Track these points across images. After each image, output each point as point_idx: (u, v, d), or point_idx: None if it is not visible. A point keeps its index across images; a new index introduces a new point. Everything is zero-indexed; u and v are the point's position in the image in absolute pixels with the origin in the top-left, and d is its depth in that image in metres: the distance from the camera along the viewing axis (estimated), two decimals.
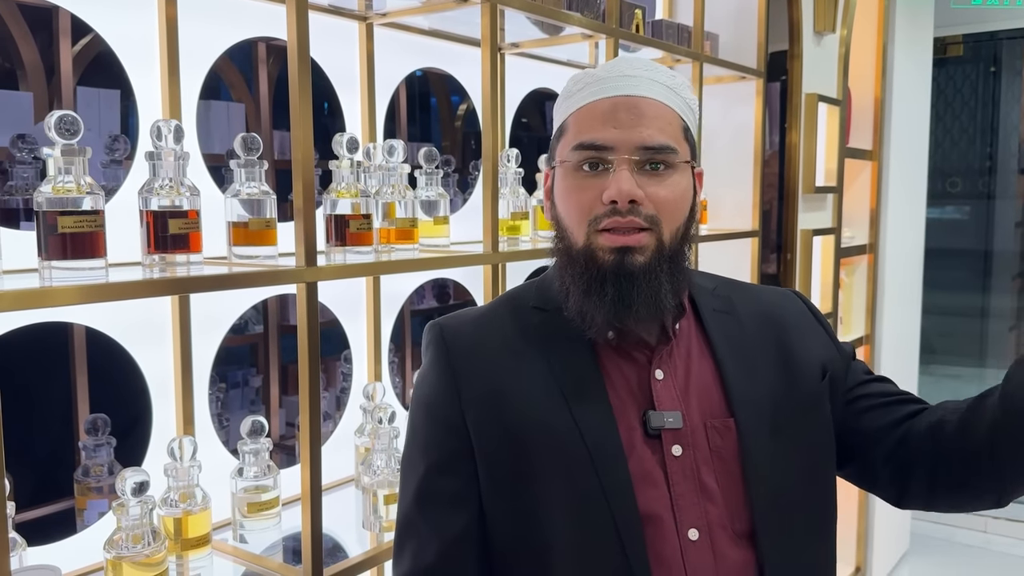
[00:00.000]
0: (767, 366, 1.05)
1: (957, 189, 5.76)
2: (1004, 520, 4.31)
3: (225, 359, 1.68)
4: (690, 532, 0.97)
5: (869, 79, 3.48)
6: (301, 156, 1.30)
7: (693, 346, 1.05)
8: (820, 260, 3.12)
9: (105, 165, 1.46)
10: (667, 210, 0.97)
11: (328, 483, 1.80)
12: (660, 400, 1.00)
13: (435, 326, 1.07)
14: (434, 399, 1.04)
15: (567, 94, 1.04)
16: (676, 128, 1.00)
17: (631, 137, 0.96)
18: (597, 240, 0.97)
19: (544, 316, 1.05)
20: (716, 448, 1.00)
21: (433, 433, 1.04)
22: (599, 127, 0.98)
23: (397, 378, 2.08)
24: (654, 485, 0.97)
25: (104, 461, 1.46)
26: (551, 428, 0.98)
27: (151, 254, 1.23)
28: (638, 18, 2.13)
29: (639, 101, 0.98)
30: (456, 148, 2.30)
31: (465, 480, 1.02)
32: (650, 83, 0.99)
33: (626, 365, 1.02)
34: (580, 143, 0.98)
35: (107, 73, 1.45)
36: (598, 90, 1.00)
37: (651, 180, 0.97)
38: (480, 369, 1.03)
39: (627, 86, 0.99)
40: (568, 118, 1.03)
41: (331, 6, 1.74)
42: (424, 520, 1.02)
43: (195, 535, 1.38)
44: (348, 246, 1.47)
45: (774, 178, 3.02)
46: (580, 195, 0.98)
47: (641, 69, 1.00)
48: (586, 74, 1.02)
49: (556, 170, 1.03)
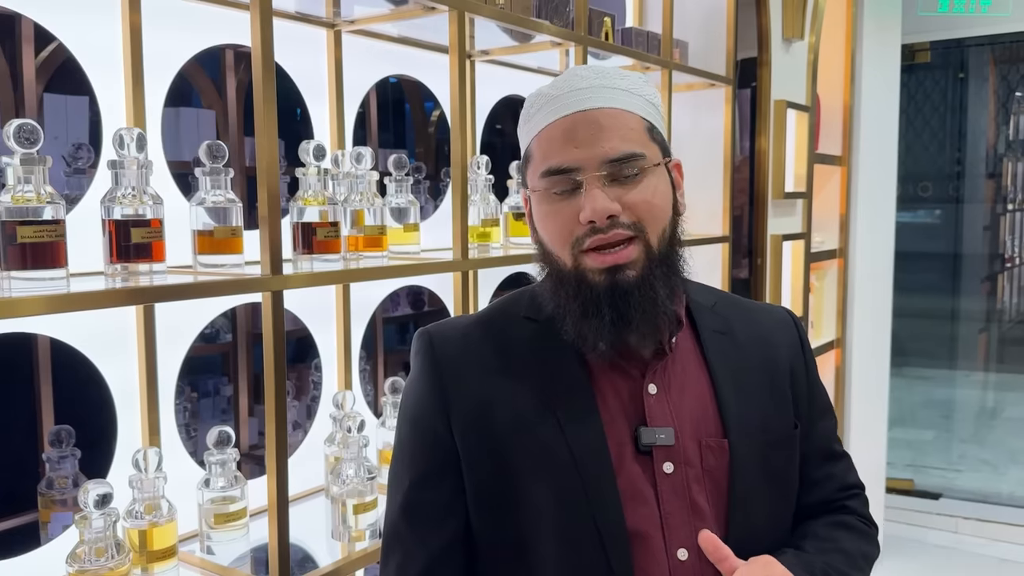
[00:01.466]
0: (760, 392, 1.04)
1: (928, 193, 5.85)
2: (975, 521, 4.36)
3: (195, 368, 1.67)
4: (679, 552, 0.96)
5: (838, 85, 3.52)
6: (266, 164, 1.29)
7: (690, 364, 1.04)
8: (790, 265, 3.15)
9: (68, 174, 1.45)
10: (647, 214, 0.96)
11: (299, 493, 1.79)
12: (652, 416, 0.99)
13: (424, 334, 1.06)
14: (421, 411, 1.03)
15: (526, 117, 1.03)
16: (639, 131, 0.98)
17: (594, 153, 0.95)
18: (585, 261, 0.96)
19: (536, 327, 1.03)
20: (709, 468, 0.99)
21: (420, 445, 1.03)
22: (560, 150, 0.96)
23: (369, 386, 2.07)
24: (644, 502, 0.96)
25: (68, 473, 1.44)
26: (539, 442, 0.97)
27: (113, 263, 1.22)
28: (607, 26, 2.14)
29: (595, 114, 0.96)
30: (429, 154, 2.30)
31: (451, 492, 1.01)
32: (603, 90, 0.98)
33: (619, 379, 1.01)
34: (547, 169, 0.97)
35: (73, 80, 1.44)
36: (553, 110, 0.98)
37: (625, 189, 0.95)
38: (469, 380, 1.01)
39: (580, 100, 0.97)
40: (531, 143, 1.01)
41: (299, 13, 1.74)
42: (410, 532, 1.01)
43: (161, 547, 1.37)
44: (315, 254, 1.46)
45: (745, 184, 3.04)
46: (557, 219, 0.97)
47: (592, 78, 0.99)
48: (539, 94, 1.01)
49: (531, 196, 1.03)
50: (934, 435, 5.56)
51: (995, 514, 4.40)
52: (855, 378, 3.65)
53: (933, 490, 4.71)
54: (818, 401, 1.12)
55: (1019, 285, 6.00)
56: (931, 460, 5.18)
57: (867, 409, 3.74)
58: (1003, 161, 5.73)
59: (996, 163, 5.74)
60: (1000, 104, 5.69)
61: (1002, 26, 4.53)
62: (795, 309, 3.17)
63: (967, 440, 5.53)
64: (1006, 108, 5.69)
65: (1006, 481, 4.85)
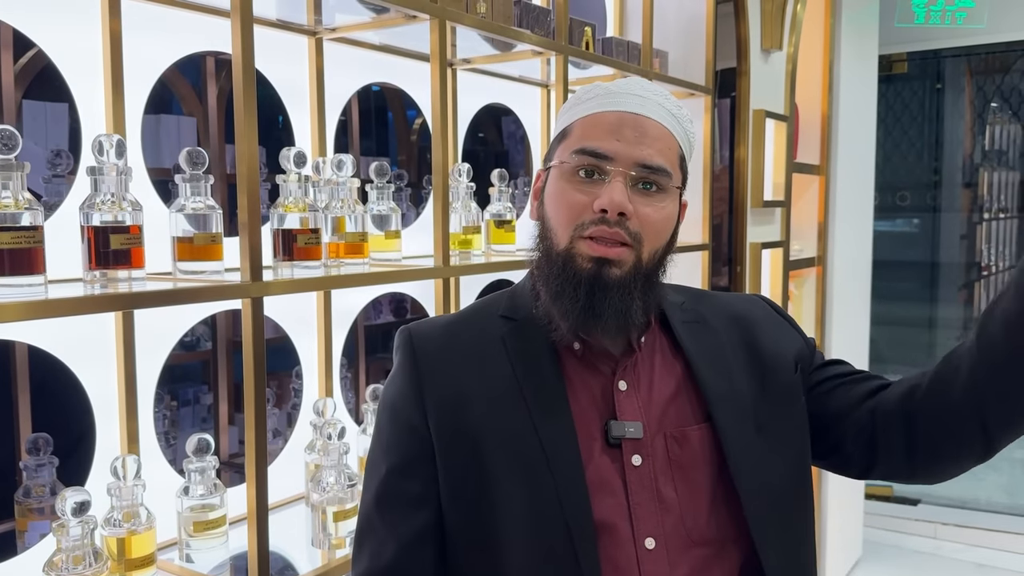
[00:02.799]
0: (741, 368, 1.07)
1: (906, 203, 5.91)
2: (953, 526, 4.40)
3: (175, 376, 1.66)
4: (647, 541, 0.98)
5: (816, 95, 3.57)
6: (246, 170, 1.29)
7: (660, 358, 1.07)
8: (769, 272, 3.18)
9: (47, 180, 1.44)
10: (652, 230, 1.00)
11: (279, 500, 1.79)
12: (622, 410, 1.02)
13: (405, 331, 1.09)
14: (399, 402, 1.06)
15: (576, 100, 1.06)
16: (674, 154, 1.02)
17: (632, 152, 0.98)
18: (579, 246, 0.99)
19: (512, 325, 1.07)
20: (675, 458, 1.01)
21: (396, 435, 1.05)
22: (603, 136, 1.00)
23: (350, 393, 2.07)
24: (611, 494, 0.99)
25: (46, 481, 1.43)
26: (511, 434, 1.00)
27: (92, 270, 1.21)
28: (588, 35, 2.16)
29: (645, 120, 1.00)
30: (412, 162, 2.30)
31: (425, 483, 1.03)
32: (657, 107, 1.02)
33: (590, 376, 1.04)
34: (582, 148, 1.00)
35: (52, 87, 1.43)
36: (607, 102, 1.02)
37: (642, 198, 0.99)
38: (445, 374, 1.04)
39: (636, 104, 1.01)
40: (573, 123, 1.04)
41: (280, 21, 1.74)
42: (383, 521, 1.03)
43: (139, 555, 1.36)
44: (296, 260, 1.46)
45: (724, 192, 3.07)
46: (572, 198, 1.00)
47: (652, 93, 1.03)
48: (597, 85, 1.05)
49: (551, 171, 1.05)
50: None
51: (973, 520, 4.45)
52: None
53: (912, 496, 4.75)
54: (809, 342, 1.17)
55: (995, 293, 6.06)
56: None
57: None
58: (979, 171, 5.81)
59: (973, 173, 5.81)
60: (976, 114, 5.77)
61: (977, 38, 4.61)
62: None
63: None
64: (982, 118, 5.77)
65: (984, 487, 4.89)
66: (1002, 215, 5.82)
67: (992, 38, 4.60)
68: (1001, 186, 5.84)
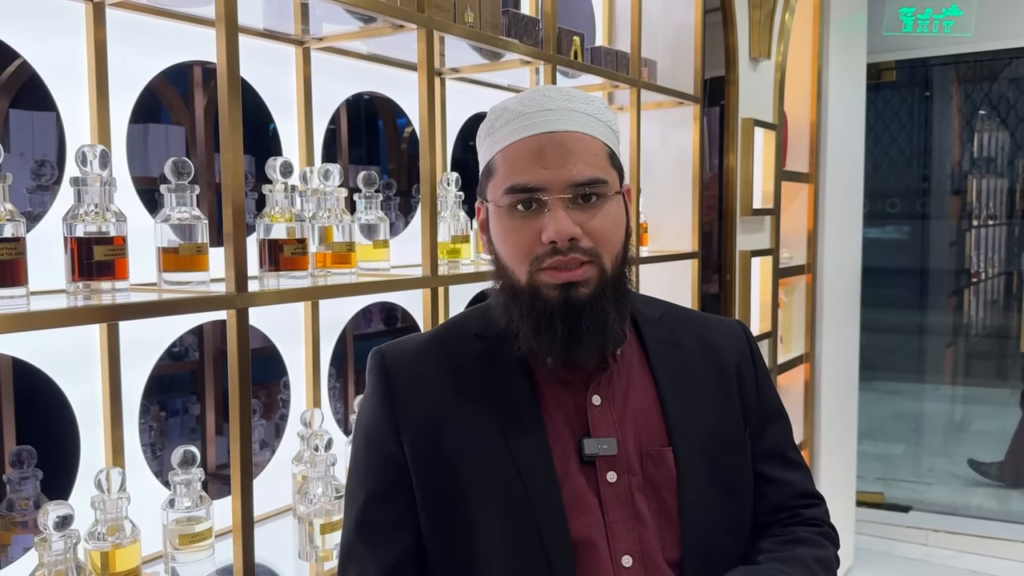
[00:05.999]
0: (706, 400, 1.07)
1: (895, 210, 5.94)
2: (944, 533, 4.40)
3: (160, 387, 1.65)
4: (624, 559, 0.98)
5: (805, 104, 3.58)
6: (231, 180, 1.29)
7: (635, 374, 1.07)
8: (759, 280, 3.18)
9: (31, 191, 1.43)
10: (605, 240, 0.99)
11: (266, 512, 1.77)
12: (596, 427, 1.01)
13: (378, 353, 1.09)
14: (373, 428, 1.06)
15: (489, 130, 1.04)
16: (602, 158, 1.01)
17: (561, 176, 0.97)
18: (540, 277, 0.98)
19: (485, 344, 1.06)
20: (650, 476, 1.01)
21: (372, 462, 1.05)
22: (528, 168, 0.98)
23: (339, 404, 2.06)
24: (588, 511, 0.99)
25: (30, 494, 1.41)
26: (485, 456, 1.00)
27: (75, 281, 1.20)
28: (576, 45, 2.16)
29: (564, 137, 0.98)
30: (402, 171, 2.30)
31: (403, 508, 1.03)
32: (570, 114, 0.99)
33: (563, 392, 1.03)
34: (512, 186, 0.99)
35: (38, 97, 1.42)
36: (521, 127, 0.99)
37: (585, 213, 0.98)
38: (419, 398, 1.04)
39: (550, 121, 0.99)
40: (495, 156, 1.02)
41: (267, 30, 1.74)
42: (364, 547, 1.03)
43: (124, 569, 1.35)
44: (282, 271, 1.46)
45: (713, 200, 3.08)
46: (518, 236, 0.99)
47: (560, 99, 1.01)
48: (505, 109, 1.02)
49: (489, 209, 1.04)
50: (903, 448, 5.62)
51: (964, 526, 4.45)
52: (824, 392, 3.68)
53: (903, 503, 4.75)
54: (767, 404, 1.14)
55: (985, 300, 6.10)
56: (900, 473, 5.23)
57: (837, 423, 3.77)
58: (968, 178, 5.84)
59: (961, 180, 5.84)
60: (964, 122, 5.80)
61: (965, 46, 4.63)
62: (764, 324, 3.20)
63: (936, 453, 5.59)
64: (970, 126, 5.80)
65: (975, 494, 4.90)
66: (991, 222, 5.86)
67: (979, 46, 4.62)
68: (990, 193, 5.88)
